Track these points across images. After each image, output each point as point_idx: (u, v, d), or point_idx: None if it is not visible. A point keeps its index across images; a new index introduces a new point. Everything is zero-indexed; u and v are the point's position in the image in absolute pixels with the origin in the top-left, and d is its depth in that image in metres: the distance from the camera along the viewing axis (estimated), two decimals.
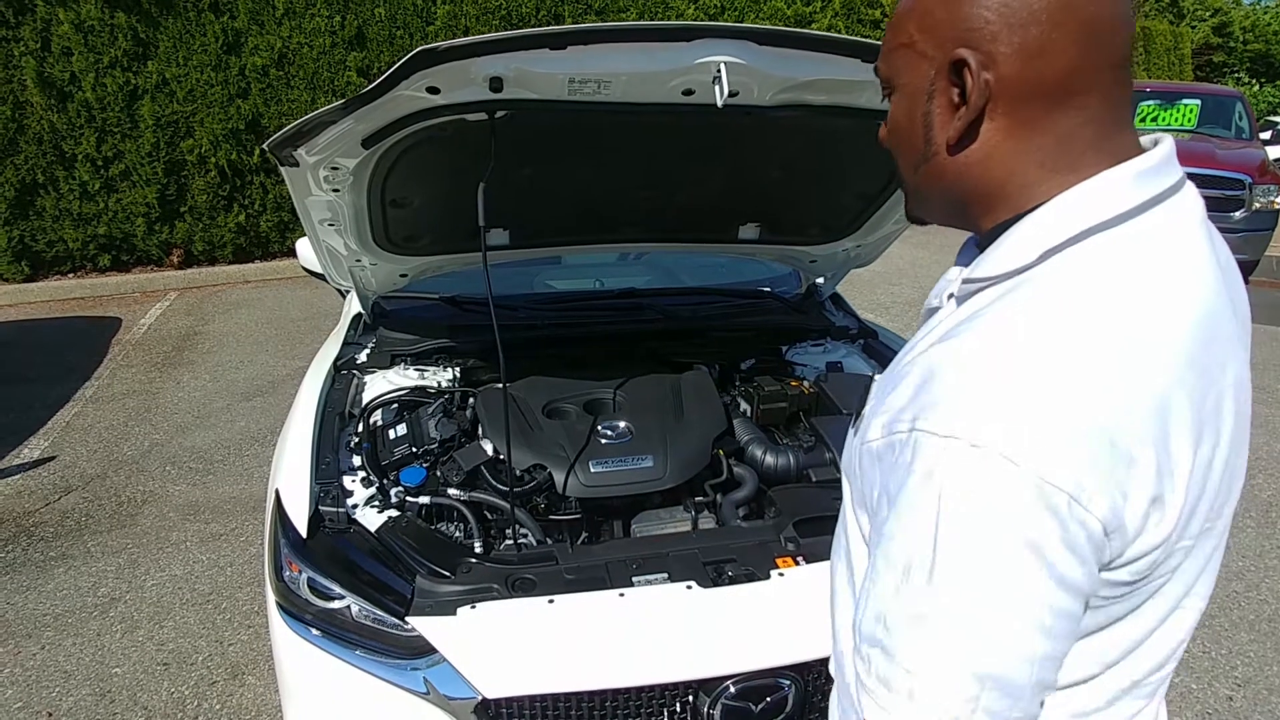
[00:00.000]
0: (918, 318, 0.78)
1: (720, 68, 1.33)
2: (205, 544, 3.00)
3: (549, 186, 1.91)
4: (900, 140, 0.71)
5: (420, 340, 2.25)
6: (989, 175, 0.66)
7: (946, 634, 0.57)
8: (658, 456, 1.78)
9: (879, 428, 0.64)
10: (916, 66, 0.66)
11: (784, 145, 1.84)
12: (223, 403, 4.35)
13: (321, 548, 1.53)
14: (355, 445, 1.85)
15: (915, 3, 0.66)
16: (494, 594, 1.43)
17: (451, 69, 1.28)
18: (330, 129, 1.41)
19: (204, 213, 7.01)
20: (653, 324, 2.37)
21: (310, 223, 1.83)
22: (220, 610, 2.62)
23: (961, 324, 0.64)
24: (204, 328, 5.76)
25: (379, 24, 7.16)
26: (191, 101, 6.69)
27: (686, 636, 1.37)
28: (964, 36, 0.62)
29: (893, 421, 0.62)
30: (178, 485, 3.46)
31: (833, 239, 2.34)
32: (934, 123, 0.67)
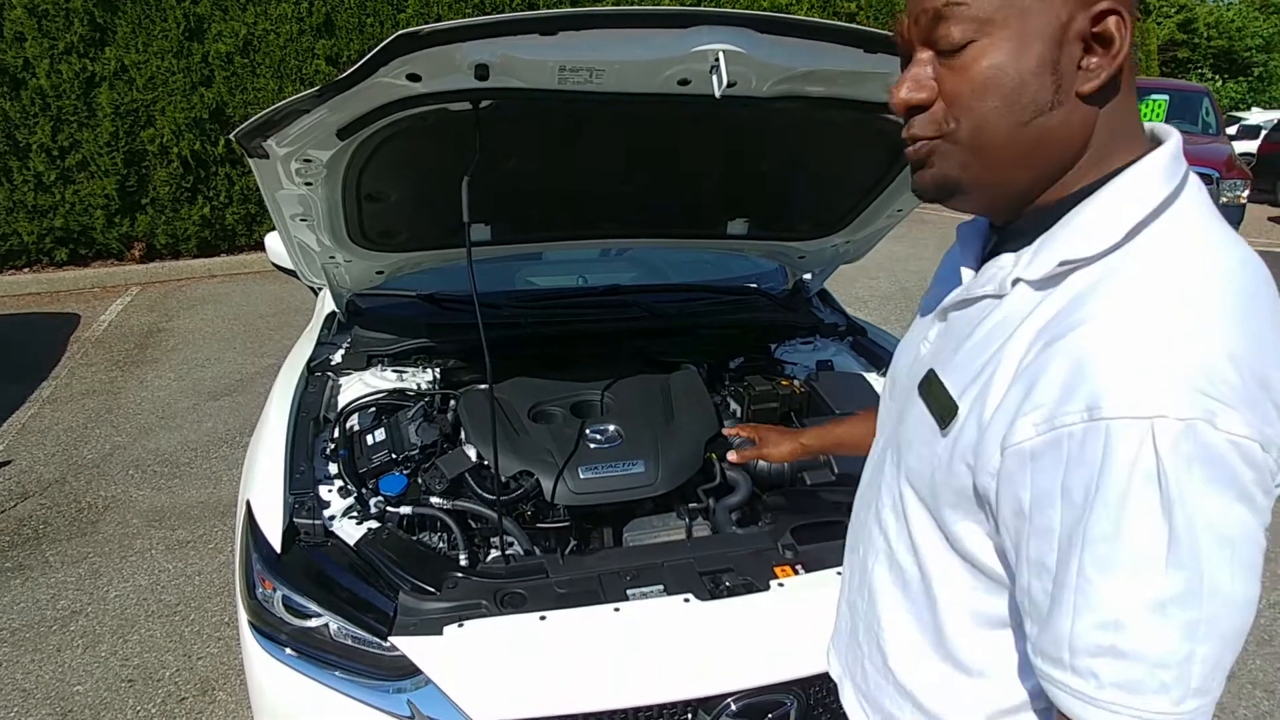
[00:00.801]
0: (896, 312, 0.76)
1: (719, 56, 1.26)
2: (171, 552, 2.88)
3: (533, 180, 1.83)
4: (1010, 91, 0.63)
5: (398, 340, 2.16)
6: (1097, 134, 0.65)
7: (1192, 613, 0.56)
8: (649, 461, 1.72)
9: (1030, 426, 0.61)
10: (1042, 13, 0.62)
11: (777, 138, 1.78)
12: (188, 402, 4.21)
13: (297, 563, 1.45)
14: (331, 452, 1.76)
15: None
16: (482, 611, 1.36)
17: (434, 55, 1.20)
18: (303, 118, 1.32)
19: (166, 205, 6.79)
20: (639, 321, 2.30)
21: (281, 218, 1.73)
22: (188, 622, 2.51)
23: (1084, 306, 0.62)
24: (168, 324, 5.58)
25: (348, 10, 6.98)
26: (152, 89, 6.46)
27: (685, 653, 1.32)
28: None
29: (1053, 416, 0.59)
30: (141, 490, 3.32)
31: (823, 235, 2.29)
32: (1064, 69, 0.63)
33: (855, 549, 0.93)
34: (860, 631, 0.90)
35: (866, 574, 0.87)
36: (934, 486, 0.73)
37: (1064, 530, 0.60)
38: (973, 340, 0.71)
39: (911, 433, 0.77)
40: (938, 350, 0.78)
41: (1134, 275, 0.61)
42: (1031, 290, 0.67)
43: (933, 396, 0.73)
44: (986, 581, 0.72)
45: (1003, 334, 0.67)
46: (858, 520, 0.95)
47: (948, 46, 0.65)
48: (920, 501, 0.76)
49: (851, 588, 0.94)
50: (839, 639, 1.00)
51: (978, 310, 0.73)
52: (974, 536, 0.71)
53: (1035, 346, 0.63)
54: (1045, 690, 0.65)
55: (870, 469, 0.94)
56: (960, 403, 0.69)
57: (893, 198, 2.02)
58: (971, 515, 0.70)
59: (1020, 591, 0.66)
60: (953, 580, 0.75)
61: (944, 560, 0.75)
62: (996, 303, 0.71)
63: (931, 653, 0.79)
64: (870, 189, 2.00)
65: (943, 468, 0.71)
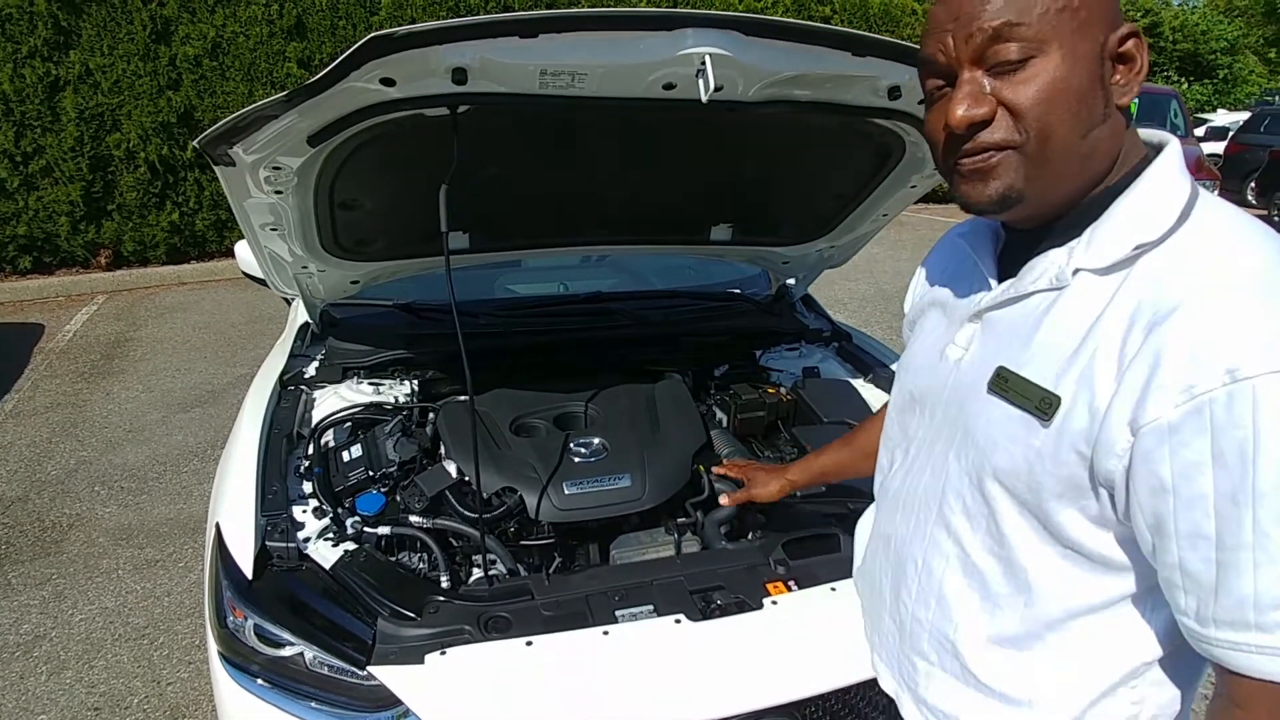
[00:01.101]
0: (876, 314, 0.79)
1: (705, 60, 1.22)
2: (139, 572, 2.78)
3: (512, 186, 1.78)
4: (1069, 102, 0.69)
5: (374, 351, 2.10)
6: (1118, 143, 0.74)
7: None
8: (635, 475, 1.67)
9: (1164, 402, 0.63)
10: (1088, 32, 0.69)
11: (762, 143, 1.74)
12: (157, 415, 4.09)
13: (270, 589, 1.38)
14: (305, 470, 1.69)
15: None
16: (465, 637, 1.31)
17: (409, 58, 1.15)
18: (271, 124, 1.26)
19: (134, 211, 6.63)
20: (622, 330, 2.26)
21: (250, 227, 1.67)
22: (157, 646, 2.42)
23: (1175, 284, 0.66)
24: (135, 333, 5.44)
25: (320, 13, 6.87)
26: (118, 93, 6.31)
27: (677, 677, 1.27)
28: (1114, 16, 0.71)
29: (1190, 388, 0.62)
30: (108, 507, 3.21)
31: (807, 240, 2.26)
32: (1107, 85, 0.71)
33: (908, 562, 0.93)
34: (923, 641, 0.91)
35: (932, 583, 0.88)
36: (1035, 479, 0.74)
37: (1221, 495, 0.62)
38: (1045, 332, 0.74)
39: (995, 432, 0.77)
40: (995, 349, 0.80)
41: (1213, 250, 0.67)
42: (1097, 277, 0.72)
43: (1015, 392, 0.75)
44: (1087, 567, 0.75)
45: (1084, 320, 0.71)
46: (906, 535, 0.94)
47: (1004, 64, 0.69)
48: (1013, 498, 0.77)
49: (908, 600, 0.93)
50: (887, 654, 1.00)
51: (1033, 304, 0.77)
52: (1078, 524, 0.73)
53: (1136, 328, 0.67)
54: (1215, 657, 0.67)
55: (912, 483, 0.93)
56: (1059, 392, 0.71)
57: (878, 202, 2.00)
58: (1077, 503, 0.72)
59: (1167, 568, 0.68)
60: (1051, 571, 0.77)
61: (1041, 553, 0.77)
62: (1055, 295, 0.75)
63: (1020, 646, 0.81)
64: (856, 194, 1.98)
65: (1047, 458, 0.72)
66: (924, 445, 0.91)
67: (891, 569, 0.97)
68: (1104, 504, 0.71)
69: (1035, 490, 0.74)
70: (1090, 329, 0.71)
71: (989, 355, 0.80)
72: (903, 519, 0.94)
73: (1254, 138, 10.95)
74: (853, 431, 1.41)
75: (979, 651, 0.85)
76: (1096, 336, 0.70)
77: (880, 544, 1.01)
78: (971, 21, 0.69)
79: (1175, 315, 0.64)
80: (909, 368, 0.96)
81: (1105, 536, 0.73)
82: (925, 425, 0.91)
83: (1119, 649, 0.78)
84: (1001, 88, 0.70)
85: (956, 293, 0.91)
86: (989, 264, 0.85)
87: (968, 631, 0.85)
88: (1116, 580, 0.75)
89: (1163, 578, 0.69)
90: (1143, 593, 0.76)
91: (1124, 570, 0.75)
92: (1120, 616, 0.77)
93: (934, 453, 0.89)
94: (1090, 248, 0.73)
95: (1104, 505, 0.71)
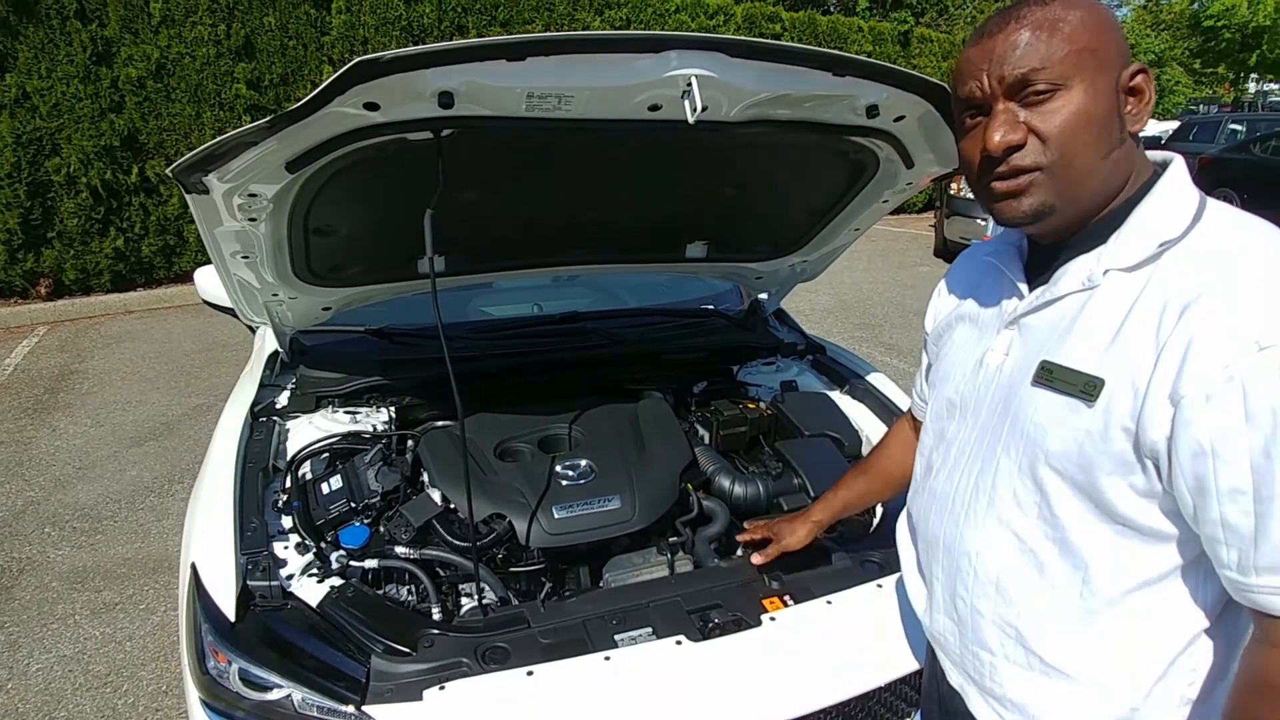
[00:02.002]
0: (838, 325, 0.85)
1: (692, 81, 1.23)
2: (97, 616, 2.65)
3: (490, 208, 1.76)
4: (1091, 129, 0.80)
5: (348, 379, 2.05)
6: (1128, 167, 0.84)
7: None
8: (624, 496, 1.66)
9: (1199, 374, 0.72)
10: (1104, 70, 0.79)
11: (739, 161, 1.76)
12: (108, 450, 3.92)
13: (253, 631, 1.33)
14: (284, 504, 1.64)
15: (1085, 19, 0.79)
16: (464, 670, 1.28)
17: (396, 83, 1.13)
18: (249, 152, 1.23)
19: (75, 238, 6.39)
20: (600, 349, 2.25)
21: (220, 255, 1.62)
22: (121, 694, 2.30)
23: (1199, 273, 0.75)
24: (81, 365, 5.22)
25: (269, 33, 6.74)
26: (57, 116, 6.09)
27: (683, 699, 1.26)
28: (1125, 55, 0.82)
29: (1223, 359, 0.71)
30: (60, 549, 3.06)
31: (780, 255, 2.29)
32: (1122, 114, 0.81)
33: (961, 558, 0.97)
34: (985, 632, 0.95)
35: (990, 574, 0.93)
36: (1086, 459, 0.81)
37: (1256, 451, 0.70)
38: (1083, 325, 0.83)
39: (1044, 420, 0.84)
40: (1035, 348, 0.88)
41: (1229, 242, 0.77)
42: (1125, 275, 0.81)
43: (1062, 380, 0.83)
44: (1139, 541, 0.82)
45: (1119, 312, 0.80)
46: (956, 532, 0.98)
47: (1034, 96, 0.80)
48: (1066, 480, 0.84)
49: (966, 594, 0.97)
50: (948, 652, 1.05)
51: (1068, 305, 0.85)
52: (1128, 499, 0.80)
53: (1169, 313, 0.75)
54: (1256, 604, 0.74)
55: (959, 483, 0.98)
56: (1101, 375, 0.79)
57: (851, 217, 2.03)
58: (1126, 478, 0.79)
59: (1209, 525, 0.75)
60: (1105, 548, 0.83)
61: (1095, 531, 0.83)
62: (1088, 294, 0.84)
63: (1082, 625, 0.87)
64: (830, 209, 2.01)
65: (1096, 437, 0.79)
66: (966, 446, 0.97)
67: (944, 569, 1.01)
68: (1150, 476, 0.78)
69: (1087, 470, 0.81)
70: (1125, 318, 0.79)
71: (1030, 354, 0.88)
72: (951, 518, 0.99)
73: (1184, 146, 11.50)
74: (866, 459, 1.44)
75: (1042, 634, 0.90)
76: (1132, 323, 0.78)
77: (928, 546, 1.05)
78: (1004, 64, 0.80)
79: (1203, 298, 0.73)
80: (946, 377, 1.03)
81: (1153, 509, 0.80)
82: (967, 427, 0.97)
83: (1175, 621, 0.84)
84: (1032, 117, 0.80)
85: (988, 305, 0.99)
86: (1020, 276, 0.94)
87: (1029, 616, 0.90)
88: (1167, 552, 0.82)
89: (1206, 536, 0.76)
90: (1190, 564, 0.82)
91: (1173, 541, 0.81)
92: (1173, 589, 0.83)
93: (980, 450, 0.95)
94: (1117, 250, 0.82)
95: (1150, 477, 0.78)
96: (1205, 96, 29.00)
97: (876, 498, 1.45)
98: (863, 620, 1.42)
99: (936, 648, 1.09)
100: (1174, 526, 0.80)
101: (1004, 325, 0.93)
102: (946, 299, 1.10)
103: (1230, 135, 11.83)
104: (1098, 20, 0.79)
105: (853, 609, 1.44)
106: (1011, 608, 0.92)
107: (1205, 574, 0.82)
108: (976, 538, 0.95)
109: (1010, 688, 0.94)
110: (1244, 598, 0.76)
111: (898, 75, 1.38)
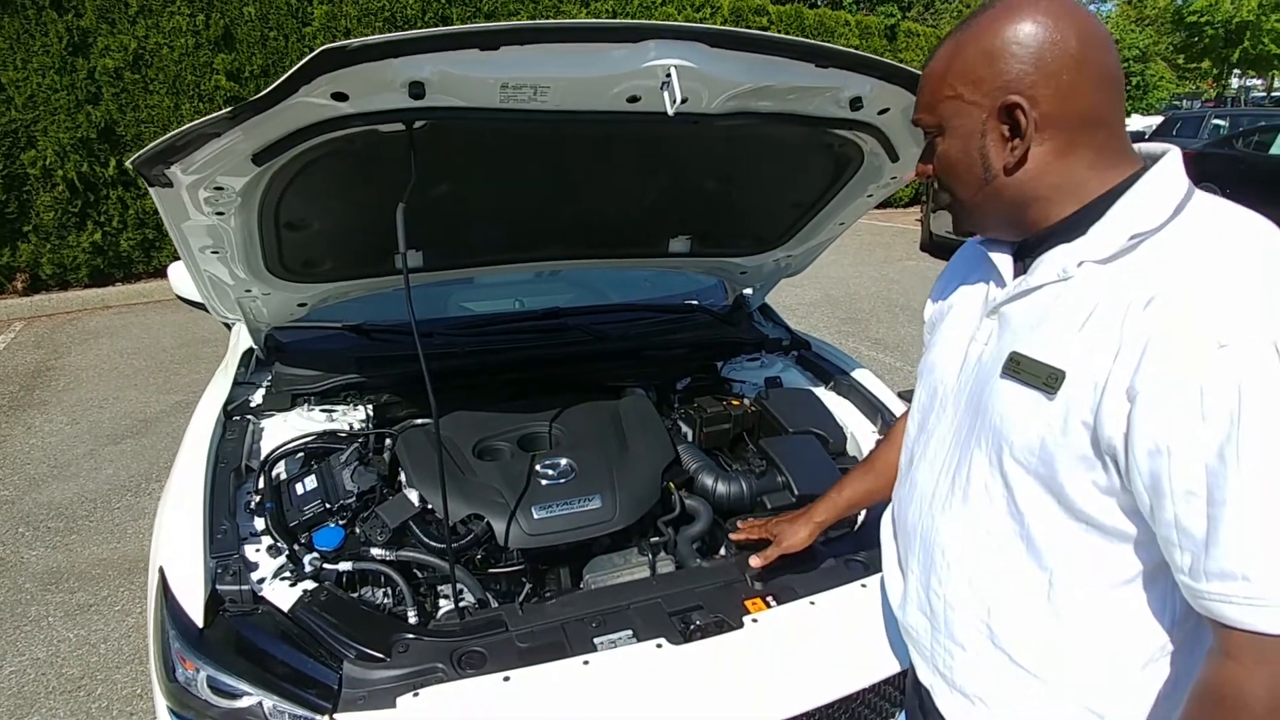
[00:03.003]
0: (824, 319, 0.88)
1: (671, 72, 1.20)
2: (71, 618, 2.60)
3: (467, 202, 1.73)
4: (958, 172, 0.86)
5: (324, 376, 2.01)
6: (1046, 183, 0.83)
7: None
8: (605, 495, 1.63)
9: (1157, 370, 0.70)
10: (968, 113, 0.83)
11: (722, 155, 1.73)
12: (84, 448, 3.86)
13: (222, 637, 1.30)
14: (256, 505, 1.60)
15: (954, 63, 0.83)
16: (439, 675, 1.24)
17: (364, 72, 1.09)
18: (212, 143, 1.19)
19: (51, 232, 6.29)
20: (581, 345, 2.22)
21: (188, 250, 1.57)
22: (95, 697, 2.26)
23: (1168, 266, 0.74)
24: (58, 361, 5.14)
25: (249, 24, 6.64)
26: (32, 108, 5.98)
27: (663, 704, 1.23)
28: (1008, 85, 0.80)
29: (1181, 355, 0.69)
30: (34, 549, 3.00)
31: (765, 250, 2.26)
32: (990, 154, 0.83)
33: (935, 551, 0.97)
34: (957, 627, 0.95)
35: (963, 568, 0.93)
36: (1048, 453, 0.80)
37: (1211, 453, 0.68)
38: (1053, 317, 0.81)
39: (1009, 413, 0.83)
40: (1009, 337, 0.86)
41: (1204, 237, 0.75)
42: (1099, 267, 0.79)
43: (1026, 372, 0.82)
44: (1104, 540, 0.80)
45: (1087, 304, 0.78)
46: (931, 525, 0.97)
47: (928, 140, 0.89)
48: (1031, 475, 0.82)
49: (939, 588, 0.97)
50: (919, 647, 1.04)
51: (1043, 295, 0.84)
52: (1091, 496, 0.79)
53: (1134, 307, 0.73)
54: (1208, 611, 0.72)
55: (935, 475, 0.97)
56: (1063, 367, 0.78)
57: (836, 211, 2.01)
58: (1089, 473, 0.78)
59: (1164, 526, 0.73)
60: (1070, 547, 0.82)
61: (1060, 528, 0.82)
62: (1062, 285, 0.82)
63: (1050, 624, 0.86)
64: (814, 203, 1.98)
65: (1057, 431, 0.78)
66: (945, 437, 0.96)
67: (919, 562, 1.00)
68: (1110, 473, 0.77)
69: (1049, 464, 0.80)
70: (1092, 311, 0.77)
71: (1004, 345, 0.87)
72: (927, 511, 0.98)
73: (1168, 141, 11.53)
74: (871, 456, 1.40)
75: (1011, 631, 0.89)
76: (1098, 316, 0.77)
77: (906, 539, 1.04)
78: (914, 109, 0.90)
79: (1168, 293, 0.71)
80: (932, 366, 1.01)
81: (1114, 508, 0.79)
82: (946, 419, 0.96)
83: (1142, 628, 0.83)
84: None
85: (974, 294, 0.98)
86: (1006, 264, 0.93)
87: (999, 612, 0.89)
88: (1133, 554, 0.80)
89: (1162, 539, 0.74)
90: (1157, 569, 0.81)
91: (1139, 544, 0.80)
92: (1140, 595, 0.82)
93: (956, 442, 0.94)
94: (1092, 242, 0.81)
95: (1110, 474, 0.77)
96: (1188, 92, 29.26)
97: (882, 495, 1.40)
98: (847, 621, 1.40)
99: (908, 642, 1.08)
100: (1135, 526, 0.79)
101: (986, 314, 0.92)
102: (943, 289, 1.09)
103: (1214, 130, 11.92)
104: (978, 53, 0.80)
105: (836, 610, 1.42)
106: (983, 603, 0.91)
107: (1173, 583, 0.80)
108: (950, 531, 0.94)
109: (978, 683, 0.94)
110: (1198, 604, 0.74)
111: (882, 67, 1.36)
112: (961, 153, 0.84)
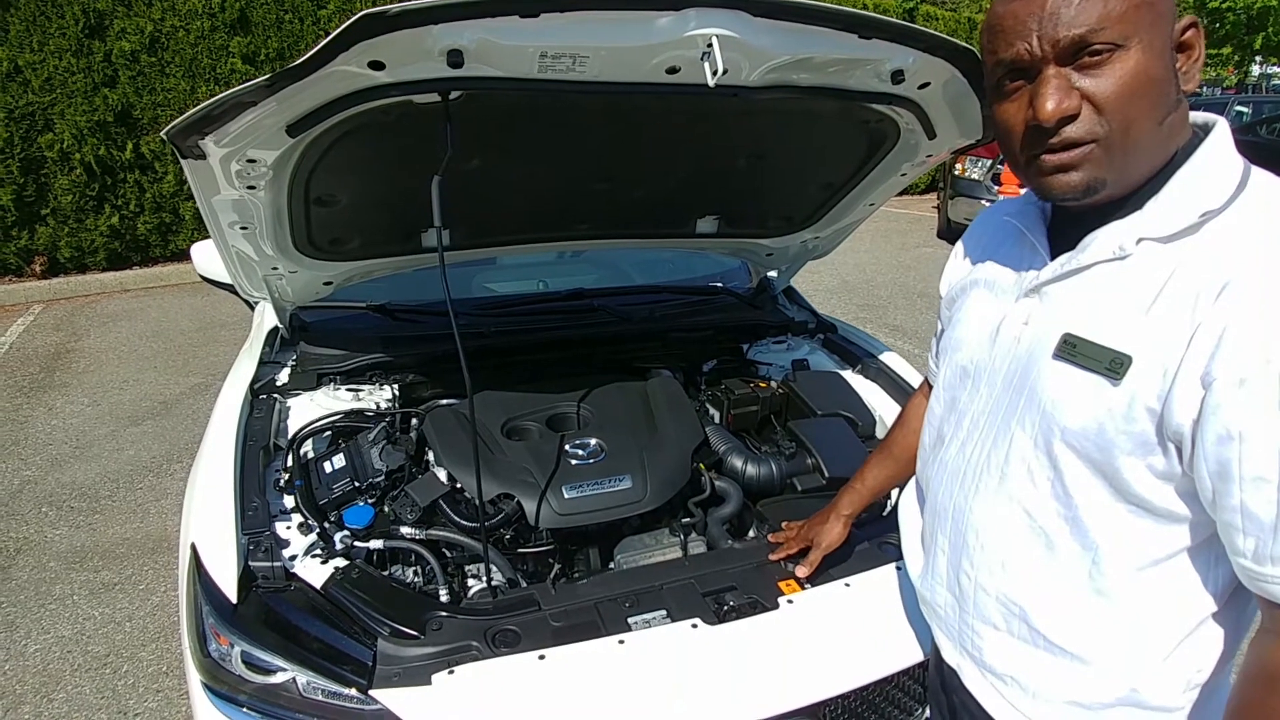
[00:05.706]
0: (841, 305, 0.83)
1: (713, 41, 1.17)
2: (96, 596, 2.62)
3: (496, 179, 1.71)
4: (1150, 92, 0.74)
5: (350, 355, 2.00)
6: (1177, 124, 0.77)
7: None
8: (636, 475, 1.62)
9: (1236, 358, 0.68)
10: (1160, 25, 0.73)
11: (755, 131, 1.70)
12: (106, 429, 3.88)
13: (256, 613, 1.29)
14: (286, 484, 1.60)
15: None
16: (473, 653, 1.24)
17: (403, 39, 1.07)
18: (247, 113, 1.17)
19: (70, 215, 6.31)
20: (607, 326, 2.20)
21: (217, 226, 1.56)
22: (121, 675, 2.27)
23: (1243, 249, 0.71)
24: (77, 344, 5.17)
25: (264, 6, 6.62)
26: (50, 91, 5.98)
27: (698, 684, 1.22)
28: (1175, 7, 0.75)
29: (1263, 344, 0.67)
30: (58, 529, 3.02)
31: (793, 230, 2.23)
32: (1177, 72, 0.75)
33: (968, 531, 0.94)
34: (988, 608, 0.93)
35: (997, 549, 0.90)
36: (1105, 438, 0.77)
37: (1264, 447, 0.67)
38: (1112, 298, 0.78)
39: (1064, 396, 0.80)
40: (1058, 319, 0.82)
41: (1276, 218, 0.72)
42: (1160, 245, 0.76)
43: (1085, 355, 0.78)
44: (1151, 521, 0.79)
45: (1152, 286, 0.75)
46: (965, 505, 0.95)
47: (1090, 62, 0.73)
48: (1083, 458, 0.80)
49: (970, 569, 0.95)
50: (946, 628, 1.02)
51: (1096, 274, 0.80)
52: (1145, 480, 0.77)
53: (1207, 291, 0.70)
54: (1270, 594, 0.72)
55: (970, 454, 0.94)
56: (1129, 353, 0.75)
57: (867, 191, 1.97)
58: (1145, 459, 0.76)
59: (1228, 511, 0.72)
60: (1117, 528, 0.81)
61: (1108, 510, 0.80)
62: (1119, 264, 0.78)
63: (1089, 604, 0.84)
64: (845, 182, 1.95)
65: (1119, 417, 0.76)
66: (980, 417, 0.93)
67: (950, 541, 0.98)
68: (1171, 458, 0.75)
69: (1105, 449, 0.78)
70: (1159, 293, 0.74)
71: (1052, 325, 0.83)
72: (961, 491, 0.95)
73: None
74: (887, 440, 1.36)
75: (1048, 612, 0.87)
76: (1166, 299, 0.73)
77: (934, 517, 1.01)
78: (1057, 24, 0.72)
79: (1245, 279, 0.69)
80: (959, 344, 0.97)
81: (1170, 491, 0.77)
82: (980, 398, 0.93)
83: (1183, 603, 0.82)
84: (1086, 82, 0.74)
85: (1006, 270, 0.93)
86: (1043, 241, 0.88)
87: (1035, 594, 0.88)
88: (1179, 533, 0.79)
89: (1222, 522, 0.74)
90: (1201, 545, 0.80)
91: (1186, 522, 0.79)
92: (1183, 570, 0.81)
93: (994, 423, 0.90)
94: (1154, 218, 0.76)
95: (1171, 459, 0.75)
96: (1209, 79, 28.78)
97: (904, 479, 1.38)
98: (882, 603, 1.38)
99: (931, 620, 1.06)
100: (1188, 509, 0.78)
101: (1024, 293, 0.88)
102: (962, 262, 1.05)
103: (1236, 117, 11.72)
104: None
105: (871, 591, 1.40)
106: (1016, 584, 0.89)
107: (1216, 557, 0.80)
108: (985, 512, 0.92)
109: (1010, 664, 0.92)
110: (1257, 587, 0.73)
111: (925, 38, 1.32)
112: (1162, 69, 0.73)
